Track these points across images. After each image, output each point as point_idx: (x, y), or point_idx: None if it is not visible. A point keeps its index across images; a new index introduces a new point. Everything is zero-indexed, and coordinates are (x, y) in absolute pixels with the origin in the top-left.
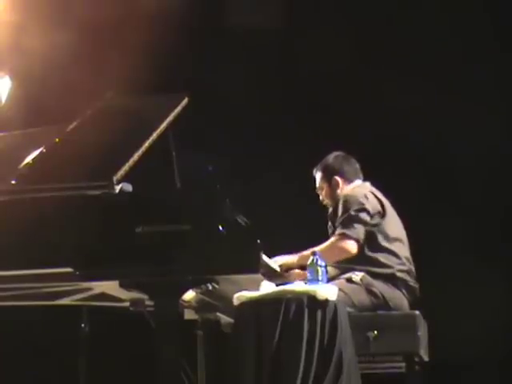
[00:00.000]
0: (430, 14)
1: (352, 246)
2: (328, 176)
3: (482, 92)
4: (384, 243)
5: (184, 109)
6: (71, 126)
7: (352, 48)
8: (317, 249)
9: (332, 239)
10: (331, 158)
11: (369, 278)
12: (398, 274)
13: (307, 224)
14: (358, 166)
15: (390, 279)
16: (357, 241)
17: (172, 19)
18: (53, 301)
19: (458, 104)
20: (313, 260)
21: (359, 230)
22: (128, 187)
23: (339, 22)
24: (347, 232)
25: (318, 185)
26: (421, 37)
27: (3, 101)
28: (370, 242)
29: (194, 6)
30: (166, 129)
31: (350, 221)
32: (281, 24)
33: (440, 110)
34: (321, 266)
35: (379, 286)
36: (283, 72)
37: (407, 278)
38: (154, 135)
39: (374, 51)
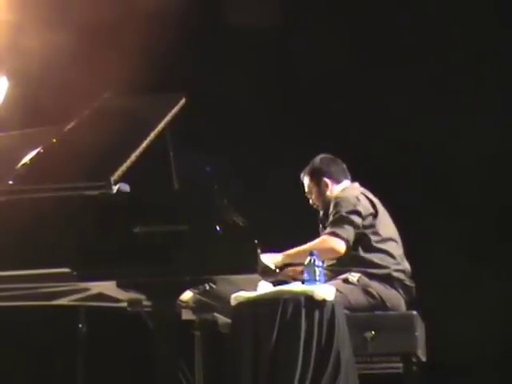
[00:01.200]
0: (429, 12)
1: (340, 246)
2: (316, 179)
3: (479, 92)
4: (378, 244)
5: (182, 109)
6: (69, 127)
7: (349, 47)
8: (305, 246)
9: (321, 237)
10: (317, 160)
11: (365, 279)
12: (394, 274)
13: (305, 224)
14: (344, 166)
15: (387, 279)
16: (346, 241)
17: (169, 19)
18: (50, 301)
19: (454, 104)
20: (310, 260)
21: (349, 231)
22: (125, 187)
23: (337, 21)
24: (337, 231)
25: (306, 189)
26: (419, 36)
27: (0, 101)
28: (364, 243)
29: (191, 5)
30: (164, 129)
31: (340, 221)
32: (279, 23)
33: (437, 110)
34: (318, 267)
35: (376, 287)
36: (282, 71)
37: (403, 277)
38: (152, 135)
39: (372, 51)
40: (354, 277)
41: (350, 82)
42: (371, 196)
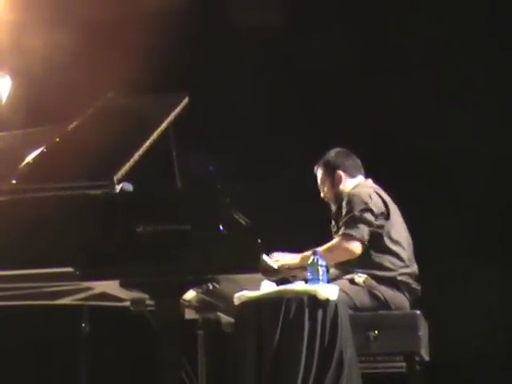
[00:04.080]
0: (431, 13)
1: (356, 247)
2: (330, 171)
3: (481, 91)
4: (389, 245)
5: (185, 108)
6: (72, 126)
7: (353, 47)
8: (320, 249)
9: (336, 239)
10: (332, 153)
11: (372, 281)
12: (400, 278)
13: (308, 223)
14: (359, 161)
15: (393, 283)
16: (361, 241)
17: (172, 18)
18: (54, 300)
19: (457, 103)
20: (313, 259)
21: (363, 231)
22: (128, 187)
23: (342, 20)
24: (351, 232)
25: (319, 181)
26: (421, 35)
27: (3, 100)
28: (376, 243)
29: (194, 4)
30: (167, 128)
31: (353, 221)
32: (282, 22)
33: (439, 109)
34: (321, 266)
35: (382, 290)
36: (284, 70)
37: (409, 280)
38: (155, 135)
39: (375, 50)
40: (360, 278)
41: (353, 82)
42: (384, 195)
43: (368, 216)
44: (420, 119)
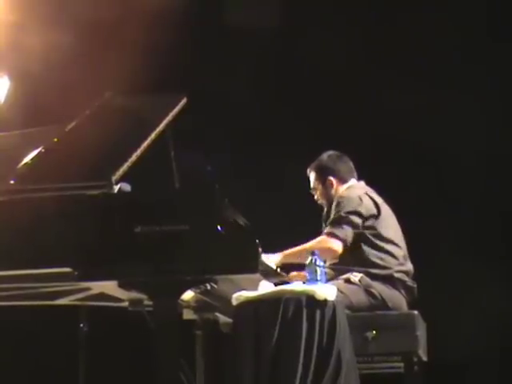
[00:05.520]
0: (430, 12)
1: (337, 246)
2: (322, 176)
3: (480, 91)
4: (382, 243)
5: (183, 109)
6: (70, 126)
7: (351, 47)
8: (303, 246)
9: (319, 238)
10: (325, 157)
11: (367, 279)
12: (397, 275)
13: (306, 224)
14: (351, 164)
15: (389, 280)
16: (343, 241)
17: (171, 18)
18: (52, 301)
19: (456, 103)
20: (311, 260)
21: (347, 232)
22: (126, 187)
23: (338, 22)
24: (334, 231)
25: (312, 185)
26: (420, 36)
27: (2, 101)
28: (367, 243)
29: (192, 4)
30: (165, 128)
31: (339, 221)
32: (280, 23)
33: (439, 110)
34: (319, 266)
35: (378, 287)
36: (282, 71)
37: (405, 278)
38: (153, 135)
39: (373, 50)
40: (355, 277)
41: (351, 83)
42: (375, 196)
43: (354, 218)
44: (419, 120)
